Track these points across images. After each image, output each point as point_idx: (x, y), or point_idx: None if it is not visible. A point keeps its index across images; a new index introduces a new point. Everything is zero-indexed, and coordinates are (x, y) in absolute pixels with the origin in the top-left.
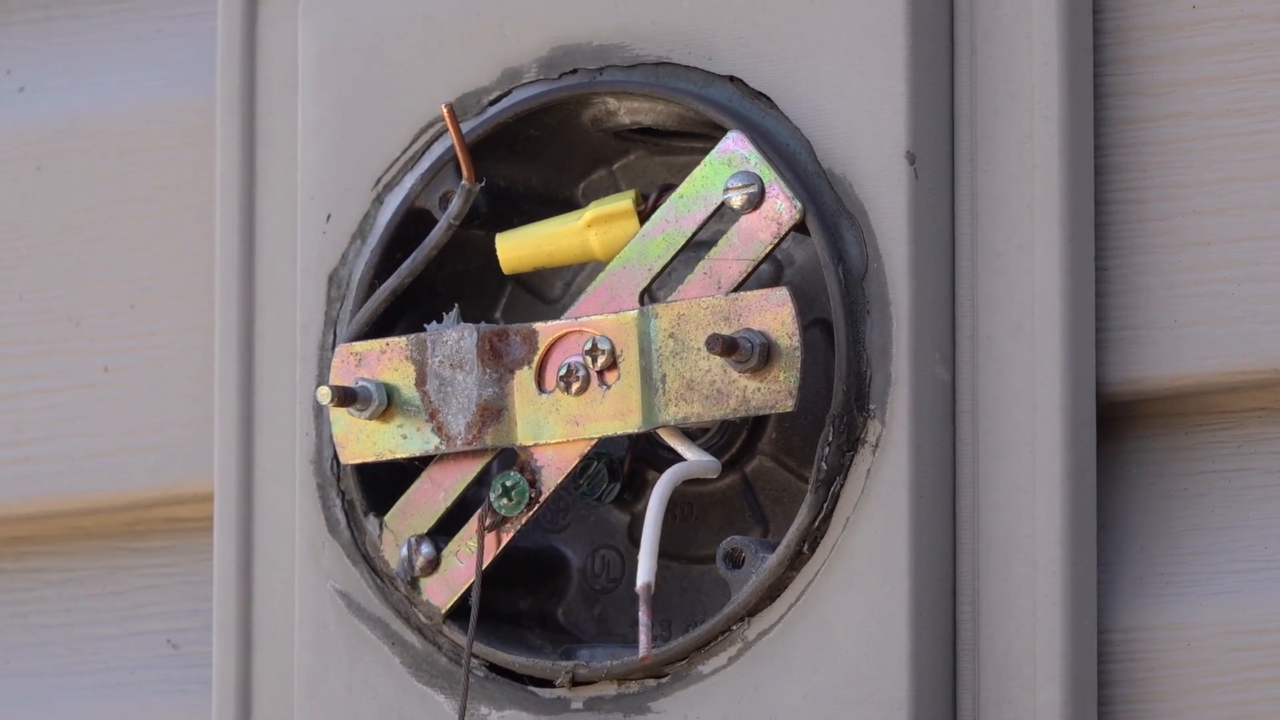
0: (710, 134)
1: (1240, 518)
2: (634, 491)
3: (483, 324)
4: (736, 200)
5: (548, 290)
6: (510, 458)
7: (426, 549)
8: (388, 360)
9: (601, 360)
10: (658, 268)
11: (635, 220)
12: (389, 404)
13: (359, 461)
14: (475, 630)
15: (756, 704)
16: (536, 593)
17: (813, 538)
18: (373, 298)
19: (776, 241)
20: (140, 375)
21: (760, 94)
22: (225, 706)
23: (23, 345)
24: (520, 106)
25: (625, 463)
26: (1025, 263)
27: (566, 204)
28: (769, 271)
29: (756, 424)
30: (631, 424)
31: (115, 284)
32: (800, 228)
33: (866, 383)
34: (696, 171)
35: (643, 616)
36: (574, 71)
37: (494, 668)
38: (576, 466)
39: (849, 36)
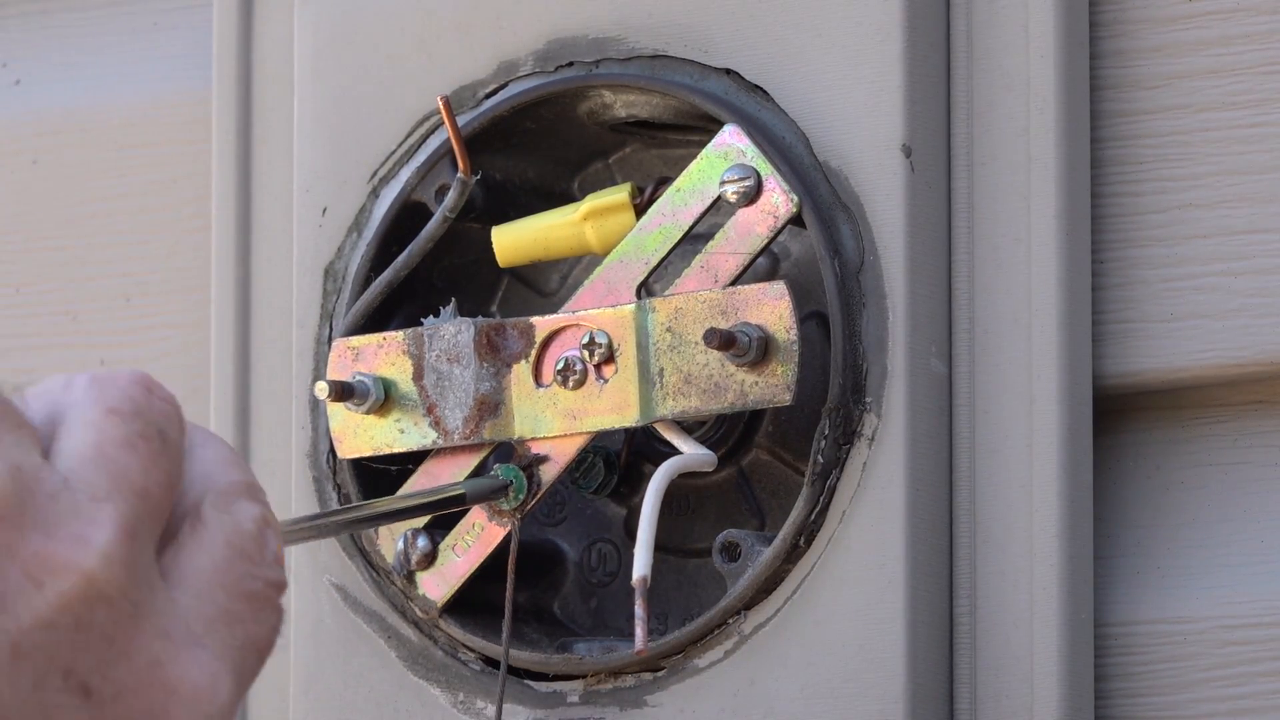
0: (706, 127)
1: (1237, 511)
2: (630, 485)
3: (480, 318)
4: (733, 193)
5: (544, 283)
6: (507, 452)
7: (423, 543)
8: (385, 355)
9: (599, 354)
10: (655, 261)
11: (631, 213)
12: (386, 398)
13: (356, 456)
14: (510, 629)
15: (752, 697)
16: (533, 586)
17: (809, 531)
18: (368, 291)
19: (773, 235)
20: (137, 369)
21: (756, 87)
22: None
23: (19, 339)
24: (516, 99)
25: (621, 456)
26: (1022, 256)
27: (563, 197)
28: (765, 265)
29: (753, 417)
30: (629, 418)
31: (111, 278)
32: (796, 221)
33: (863, 376)
34: (693, 165)
35: (639, 610)
36: (570, 64)
37: (490, 661)
38: (573, 460)
39: (845, 29)
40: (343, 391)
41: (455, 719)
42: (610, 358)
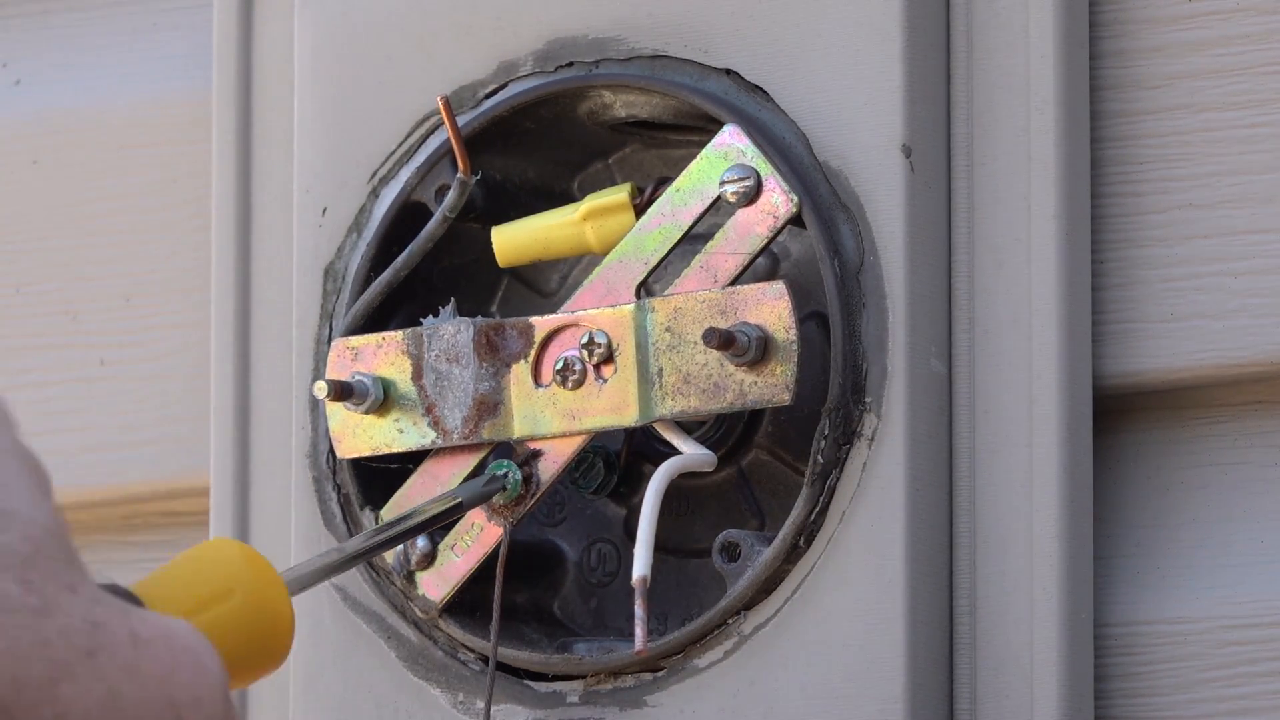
0: (706, 127)
1: (1237, 511)
2: (630, 485)
3: (479, 318)
4: (732, 194)
5: (544, 283)
6: (506, 451)
7: (422, 543)
8: (384, 354)
9: (598, 354)
10: (654, 261)
11: (631, 213)
12: (385, 398)
13: (355, 456)
14: (499, 627)
15: (752, 698)
16: (533, 586)
17: (809, 531)
18: (368, 291)
19: (773, 235)
20: (137, 369)
21: (756, 87)
22: None
23: (19, 339)
24: (516, 99)
25: (621, 456)
26: (1022, 256)
27: (563, 197)
28: (765, 265)
29: (753, 417)
30: (628, 418)
31: (112, 278)
32: (796, 221)
33: (862, 376)
34: (693, 165)
35: (638, 610)
36: (570, 65)
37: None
38: (573, 460)
39: (845, 29)
40: (342, 391)
41: (455, 719)
42: (609, 358)
